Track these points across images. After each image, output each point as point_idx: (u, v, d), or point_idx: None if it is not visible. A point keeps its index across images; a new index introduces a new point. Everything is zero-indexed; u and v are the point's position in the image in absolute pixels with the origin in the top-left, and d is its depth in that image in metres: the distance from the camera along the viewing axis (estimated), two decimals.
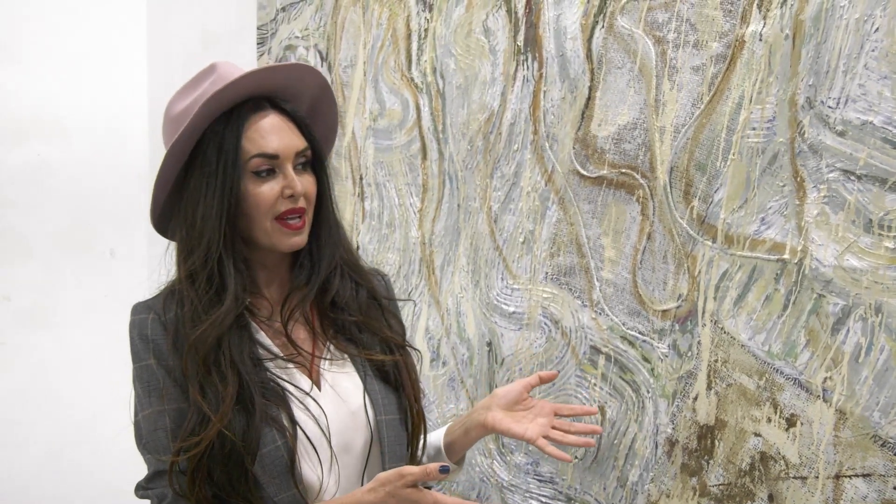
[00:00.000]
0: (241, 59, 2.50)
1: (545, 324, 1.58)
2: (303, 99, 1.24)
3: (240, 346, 1.15)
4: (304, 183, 1.18)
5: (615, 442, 1.46)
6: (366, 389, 1.21)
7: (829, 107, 1.11)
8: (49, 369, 2.40)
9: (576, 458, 1.53)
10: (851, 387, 1.10)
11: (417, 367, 1.31)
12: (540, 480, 1.60)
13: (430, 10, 1.81)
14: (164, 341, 1.16)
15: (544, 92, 1.55)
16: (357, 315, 1.24)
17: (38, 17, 2.34)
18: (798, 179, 1.16)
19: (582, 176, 1.49)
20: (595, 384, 1.49)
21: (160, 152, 1.17)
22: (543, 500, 1.59)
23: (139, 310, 1.20)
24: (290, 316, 1.20)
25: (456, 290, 1.79)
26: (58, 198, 2.38)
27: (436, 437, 1.32)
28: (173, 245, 1.22)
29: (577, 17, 1.47)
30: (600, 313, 1.47)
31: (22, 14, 2.32)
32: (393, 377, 1.24)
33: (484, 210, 1.70)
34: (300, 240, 1.18)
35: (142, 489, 1.19)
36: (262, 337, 1.20)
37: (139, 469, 1.20)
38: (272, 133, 1.16)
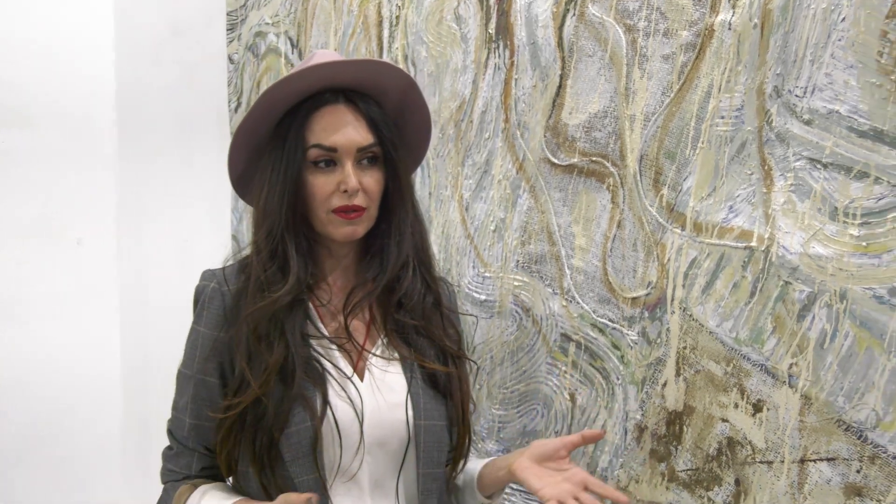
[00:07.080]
0: (211, 45, 2.47)
1: (516, 312, 1.59)
2: (388, 97, 1.25)
3: (293, 320, 1.17)
4: (365, 179, 1.18)
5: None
6: (409, 391, 1.20)
7: (797, 96, 1.12)
8: (18, 360, 2.37)
9: None
10: (816, 372, 1.11)
11: (471, 379, 1.31)
12: None
13: None
14: (217, 311, 1.21)
15: (515, 80, 1.55)
16: (419, 320, 1.24)
17: (2, 2, 2.30)
18: (765, 168, 1.17)
19: (553, 164, 1.49)
20: (566, 371, 1.50)
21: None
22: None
23: (205, 276, 1.24)
24: (352, 310, 1.21)
25: None
26: (23, 187, 2.34)
27: (474, 465, 1.31)
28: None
29: (549, 5, 1.47)
30: (571, 301, 1.48)
31: None
32: (442, 386, 1.23)
33: (455, 198, 1.70)
34: (353, 230, 1.19)
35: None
36: (316, 318, 1.22)
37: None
38: (333, 126, 1.17)
